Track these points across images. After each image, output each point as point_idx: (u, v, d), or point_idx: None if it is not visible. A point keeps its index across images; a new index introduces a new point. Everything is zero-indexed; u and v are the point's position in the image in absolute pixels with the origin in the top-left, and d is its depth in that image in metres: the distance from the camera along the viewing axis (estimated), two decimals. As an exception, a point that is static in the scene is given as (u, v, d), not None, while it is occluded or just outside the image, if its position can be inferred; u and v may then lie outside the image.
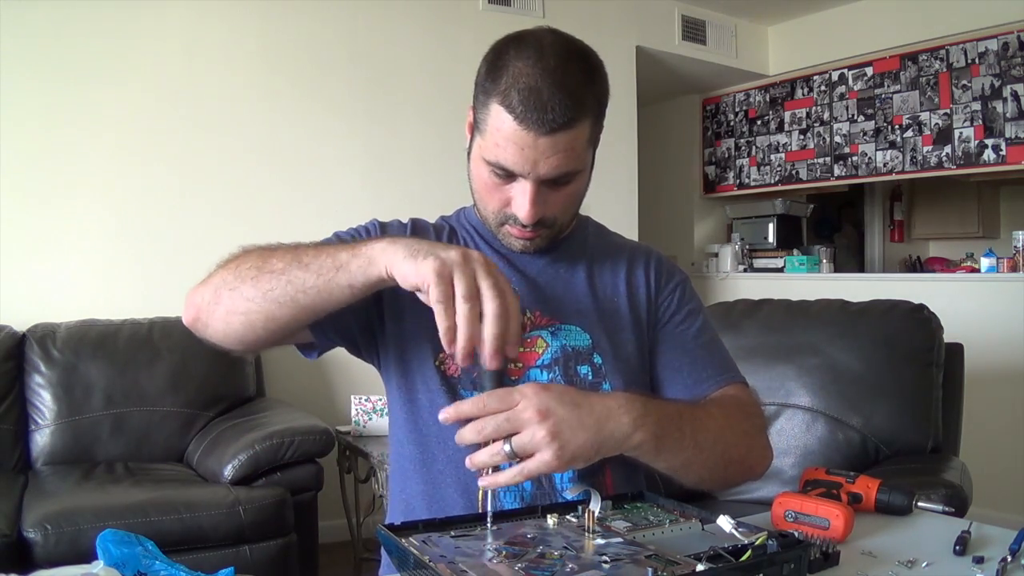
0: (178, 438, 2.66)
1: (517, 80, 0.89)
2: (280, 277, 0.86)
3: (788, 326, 2.22)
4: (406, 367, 1.03)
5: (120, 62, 2.98)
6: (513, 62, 0.90)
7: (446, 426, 0.99)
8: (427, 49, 3.58)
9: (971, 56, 3.80)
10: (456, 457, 0.99)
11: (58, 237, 2.89)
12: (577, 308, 1.06)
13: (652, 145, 4.90)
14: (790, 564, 0.71)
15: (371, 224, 1.09)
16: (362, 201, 3.38)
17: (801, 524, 0.92)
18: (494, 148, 0.92)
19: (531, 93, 0.88)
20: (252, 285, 0.87)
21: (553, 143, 0.90)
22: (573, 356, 1.03)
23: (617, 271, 1.11)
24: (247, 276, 0.87)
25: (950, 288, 3.69)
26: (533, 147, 0.90)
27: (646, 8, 4.20)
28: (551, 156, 0.91)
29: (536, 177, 0.93)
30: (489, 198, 0.99)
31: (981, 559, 0.83)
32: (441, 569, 0.68)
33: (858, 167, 4.31)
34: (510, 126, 0.89)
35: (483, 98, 0.93)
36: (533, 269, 1.07)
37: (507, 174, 0.94)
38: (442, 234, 1.11)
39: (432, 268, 0.77)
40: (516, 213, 0.96)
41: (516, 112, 0.88)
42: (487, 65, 0.94)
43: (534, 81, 0.88)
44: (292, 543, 2.29)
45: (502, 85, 0.90)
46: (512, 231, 1.00)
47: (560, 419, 0.79)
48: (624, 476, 1.03)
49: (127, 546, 0.76)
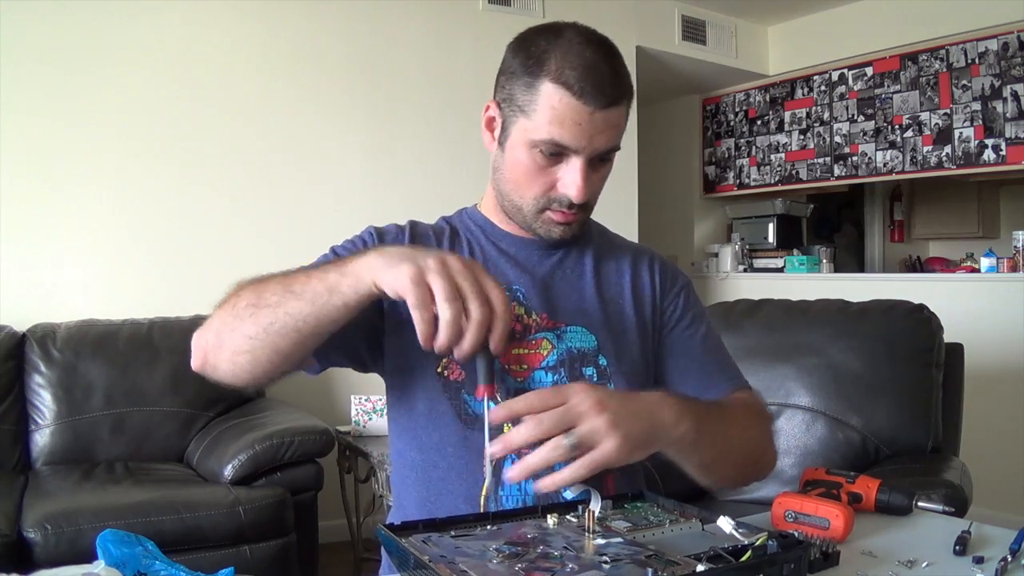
0: (178, 438, 2.65)
1: (567, 60, 0.92)
2: (277, 310, 0.86)
3: (788, 326, 2.22)
4: (408, 376, 1.02)
5: (120, 63, 2.98)
6: (556, 46, 0.94)
7: (447, 433, 0.99)
8: (427, 49, 3.58)
9: (971, 56, 3.80)
10: (457, 464, 0.99)
11: (58, 237, 2.89)
12: (583, 309, 1.06)
13: (652, 145, 4.90)
14: (790, 564, 0.70)
15: (367, 233, 1.08)
16: (362, 200, 3.39)
17: (801, 524, 0.92)
18: (547, 126, 0.93)
19: (587, 70, 0.92)
20: (252, 323, 0.87)
21: (606, 118, 0.94)
22: (579, 358, 1.03)
23: (622, 272, 1.11)
24: (245, 315, 0.88)
25: (950, 288, 3.69)
26: (590, 122, 0.93)
27: (646, 8, 4.20)
28: (604, 130, 0.94)
29: (590, 153, 0.95)
30: (531, 183, 0.99)
31: (981, 559, 0.83)
32: (441, 569, 0.68)
33: (858, 167, 4.31)
34: (567, 102, 0.92)
35: (527, 82, 0.95)
36: (540, 269, 1.07)
37: (556, 154, 0.95)
38: (442, 236, 1.10)
39: (407, 274, 0.77)
40: (566, 192, 0.97)
41: (574, 88, 0.91)
42: (522, 54, 0.96)
43: (587, 60, 0.92)
44: (292, 543, 2.29)
45: (552, 66, 0.93)
46: (554, 216, 1.01)
47: (616, 410, 0.79)
48: (626, 481, 1.03)
49: (127, 546, 0.76)
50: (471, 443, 0.98)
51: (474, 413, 0.99)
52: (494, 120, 1.02)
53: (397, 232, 1.09)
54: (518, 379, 1.01)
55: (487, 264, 1.07)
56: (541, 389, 0.80)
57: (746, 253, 4.84)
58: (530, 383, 1.01)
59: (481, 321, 0.78)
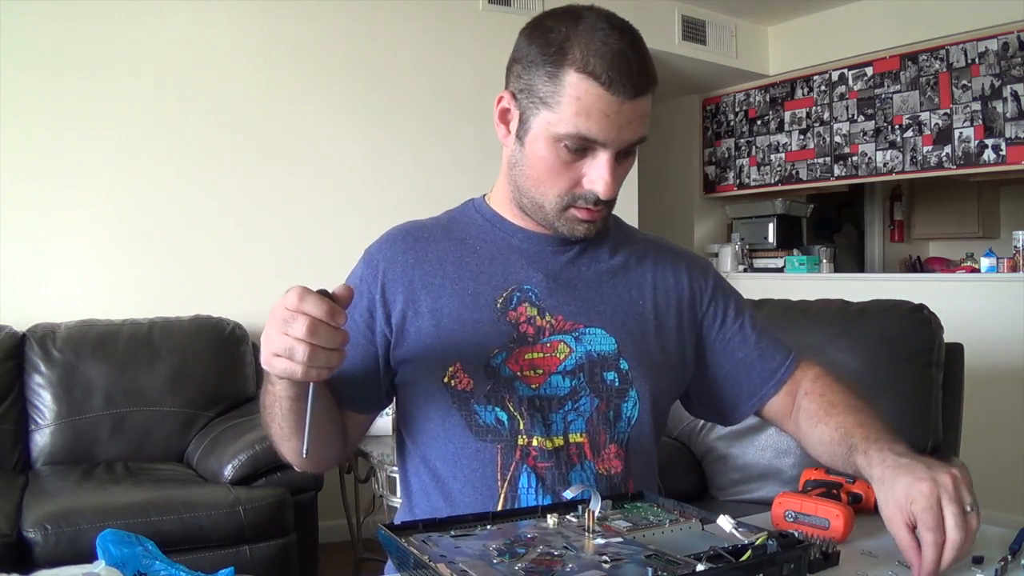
0: (178, 438, 2.65)
1: (592, 47, 0.87)
2: (279, 430, 0.95)
3: (788, 326, 2.22)
4: (417, 397, 1.01)
5: (120, 63, 2.98)
6: (578, 33, 0.88)
7: (458, 450, 0.97)
8: (427, 49, 3.58)
9: (971, 56, 3.80)
10: (472, 477, 0.96)
11: (58, 237, 2.89)
12: (601, 309, 1.02)
13: (652, 145, 4.90)
14: (790, 564, 0.70)
15: (363, 264, 1.05)
16: (363, 201, 3.39)
17: (801, 524, 0.92)
18: (574, 119, 0.88)
19: (615, 58, 0.87)
20: (281, 445, 0.98)
21: (635, 108, 0.89)
22: (599, 362, 0.99)
23: (643, 269, 1.07)
24: (275, 440, 0.98)
25: (950, 288, 3.69)
26: (619, 113, 0.88)
27: (646, 8, 4.19)
28: (632, 121, 0.90)
29: (618, 146, 0.90)
30: (556, 179, 0.93)
31: (981, 559, 0.83)
32: (441, 569, 0.68)
33: (858, 167, 4.31)
34: (595, 92, 0.87)
35: (550, 72, 0.89)
36: (555, 267, 1.03)
37: (583, 147, 0.90)
38: (436, 232, 1.06)
39: (264, 363, 0.83)
40: (593, 188, 0.92)
41: (602, 79, 0.86)
42: (540, 40, 0.91)
43: (614, 47, 0.87)
44: (292, 543, 2.29)
45: (576, 54, 0.87)
46: (579, 213, 0.95)
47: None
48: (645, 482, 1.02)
49: (127, 546, 0.76)
50: (483, 456, 0.96)
51: (484, 424, 0.96)
52: (509, 112, 0.96)
53: (389, 246, 1.05)
54: (532, 385, 0.97)
55: (496, 260, 1.03)
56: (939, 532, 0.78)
57: (746, 253, 4.84)
58: (546, 388, 0.98)
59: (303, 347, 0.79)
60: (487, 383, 0.97)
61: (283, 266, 3.18)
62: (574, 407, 0.98)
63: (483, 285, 1.01)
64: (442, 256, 1.03)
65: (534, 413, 0.97)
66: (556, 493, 0.95)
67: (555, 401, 0.98)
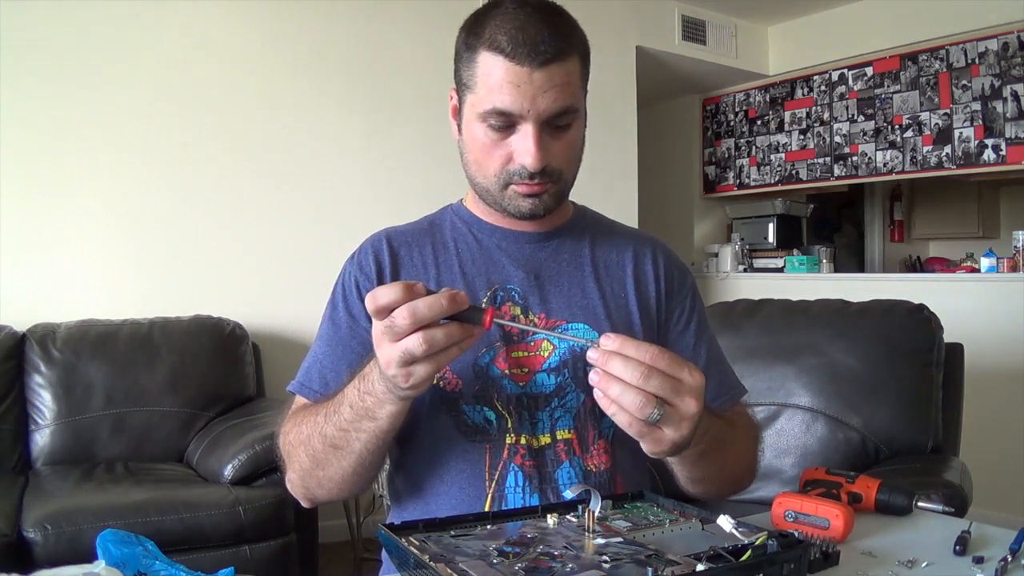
0: (178, 438, 2.65)
1: (500, 26, 0.90)
2: (339, 462, 0.91)
3: (788, 326, 2.22)
4: None
5: (121, 64, 2.98)
6: (492, 17, 0.91)
7: (446, 450, 0.97)
8: (427, 49, 3.57)
9: (971, 56, 3.81)
10: (460, 478, 0.96)
11: (58, 237, 2.89)
12: (584, 304, 1.03)
13: (652, 145, 4.90)
14: (790, 564, 0.70)
15: (346, 275, 1.05)
16: (363, 201, 3.39)
17: (801, 524, 0.92)
18: (488, 95, 0.90)
19: (518, 31, 0.88)
20: (321, 487, 0.95)
21: (548, 76, 0.89)
22: (582, 357, 0.99)
23: (623, 262, 1.08)
24: (314, 483, 0.95)
25: (950, 288, 3.69)
26: (529, 82, 0.89)
27: (646, 8, 4.20)
28: (548, 90, 0.90)
29: (536, 115, 0.90)
30: (489, 158, 0.95)
31: (981, 559, 0.83)
32: (441, 569, 0.68)
33: (858, 167, 4.31)
34: (502, 66, 0.89)
35: (468, 56, 0.93)
36: (536, 263, 1.04)
37: (506, 123, 0.92)
38: (422, 239, 1.06)
39: (378, 346, 0.77)
40: (521, 161, 0.93)
41: (506, 51, 0.88)
42: (464, 32, 0.95)
43: (519, 22, 0.89)
44: (292, 543, 2.29)
45: (485, 35, 0.90)
46: (519, 189, 0.96)
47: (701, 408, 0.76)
48: (634, 482, 1.02)
49: (127, 546, 0.76)
50: (472, 456, 0.97)
51: (473, 424, 0.97)
52: (456, 108, 1.00)
53: (373, 252, 1.05)
54: (519, 383, 0.98)
55: (477, 261, 1.04)
56: (664, 352, 0.74)
57: (746, 253, 4.84)
58: (532, 386, 0.99)
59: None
60: (476, 383, 0.97)
61: (283, 266, 3.17)
62: (560, 404, 0.99)
63: (467, 286, 1.02)
64: (425, 260, 1.05)
65: (521, 411, 0.98)
66: (543, 491, 0.95)
67: (541, 399, 0.99)
